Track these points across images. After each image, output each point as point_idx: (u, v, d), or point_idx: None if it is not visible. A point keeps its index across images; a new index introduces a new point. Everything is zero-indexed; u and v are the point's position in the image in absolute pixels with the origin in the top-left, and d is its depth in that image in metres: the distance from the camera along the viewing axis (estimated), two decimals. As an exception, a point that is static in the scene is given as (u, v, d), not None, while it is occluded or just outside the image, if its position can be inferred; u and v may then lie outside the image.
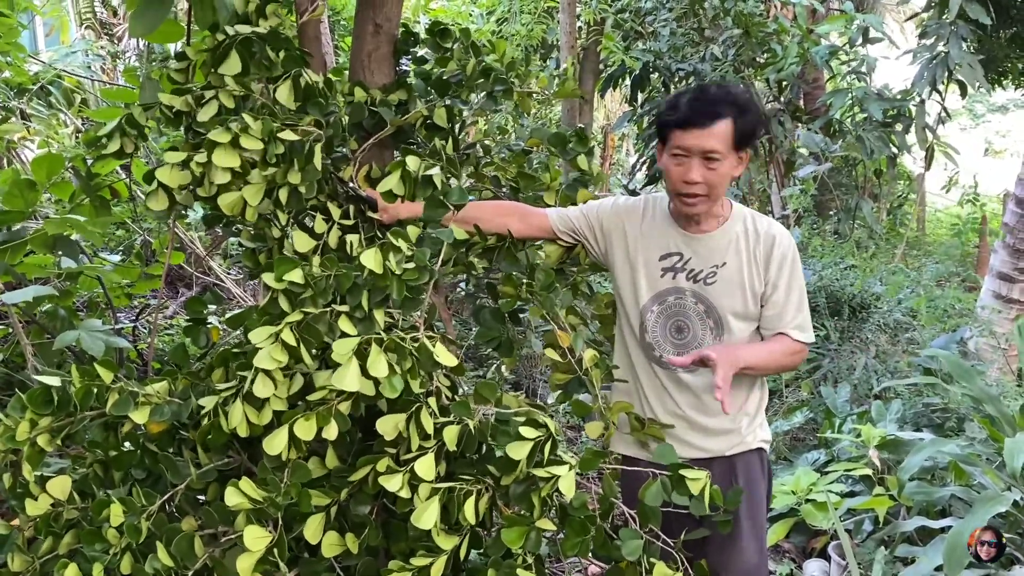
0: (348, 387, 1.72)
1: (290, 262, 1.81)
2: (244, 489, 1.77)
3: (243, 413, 1.78)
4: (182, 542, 1.83)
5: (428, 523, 1.74)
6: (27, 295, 2.71)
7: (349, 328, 1.78)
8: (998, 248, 5.49)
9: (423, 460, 1.78)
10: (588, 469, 1.90)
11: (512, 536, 1.79)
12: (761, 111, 2.20)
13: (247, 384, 1.76)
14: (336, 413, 1.78)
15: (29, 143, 5.22)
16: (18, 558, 1.97)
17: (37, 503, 1.94)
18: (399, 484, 1.76)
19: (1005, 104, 17.75)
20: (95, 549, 1.85)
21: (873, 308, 4.76)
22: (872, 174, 7.49)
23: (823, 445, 4.09)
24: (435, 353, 1.81)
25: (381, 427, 1.81)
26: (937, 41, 6.26)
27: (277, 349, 1.74)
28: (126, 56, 8.46)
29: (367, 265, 1.78)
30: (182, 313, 5.15)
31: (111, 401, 1.88)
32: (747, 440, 2.26)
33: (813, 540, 3.65)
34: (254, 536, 1.76)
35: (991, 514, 2.65)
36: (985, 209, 10.25)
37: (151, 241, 4.24)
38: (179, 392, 1.97)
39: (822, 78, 7.71)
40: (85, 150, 2.94)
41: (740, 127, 2.07)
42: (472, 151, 2.39)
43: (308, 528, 1.84)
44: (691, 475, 1.91)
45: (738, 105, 2.09)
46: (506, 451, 1.79)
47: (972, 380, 3.46)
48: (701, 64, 6.74)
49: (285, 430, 1.77)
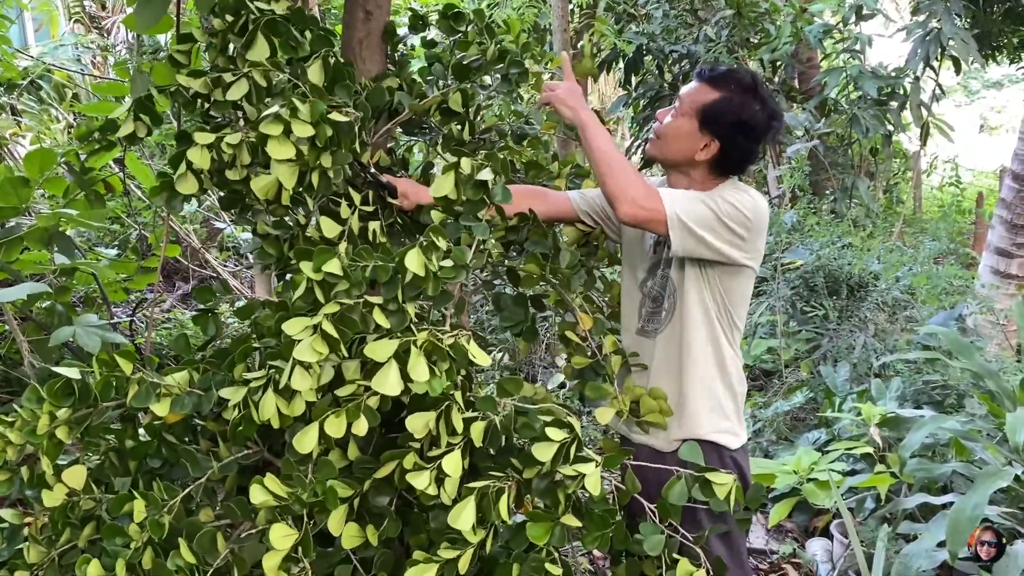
0: (390, 391, 1.70)
1: (327, 252, 1.77)
2: (269, 486, 1.75)
3: (276, 405, 1.75)
4: (204, 538, 1.80)
5: (466, 524, 1.73)
6: (21, 293, 2.69)
7: (382, 320, 1.75)
8: (996, 224, 5.49)
9: (450, 457, 1.76)
10: (612, 466, 1.91)
11: (538, 532, 1.79)
12: (748, 114, 2.08)
13: (284, 376, 1.72)
14: (366, 409, 1.76)
15: (20, 139, 5.19)
16: (34, 550, 1.94)
17: (53, 494, 1.90)
18: (427, 482, 1.75)
19: (1000, 80, 17.69)
20: (116, 543, 1.83)
21: (871, 287, 4.75)
22: (868, 152, 7.48)
23: (823, 424, 4.10)
24: (470, 352, 1.79)
25: (411, 425, 1.79)
26: (930, 17, 6.24)
27: (319, 341, 1.70)
28: (116, 50, 8.42)
29: (411, 268, 1.74)
30: (179, 307, 5.14)
31: (131, 393, 1.85)
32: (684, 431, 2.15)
33: (815, 519, 3.66)
34: (280, 534, 1.73)
35: (993, 489, 2.65)
36: (981, 185, 10.24)
37: (147, 235, 4.22)
38: (199, 383, 1.94)
39: (816, 57, 7.68)
40: (78, 145, 2.93)
41: (716, 103, 2.04)
42: (488, 136, 2.33)
43: (332, 520, 1.81)
44: (718, 478, 1.92)
45: (730, 84, 2.06)
46: (532, 451, 1.79)
47: (972, 356, 3.47)
48: (695, 45, 6.72)
49: (315, 428, 1.74)
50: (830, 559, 3.37)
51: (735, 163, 2.12)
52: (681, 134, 2.07)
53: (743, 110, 2.05)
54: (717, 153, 2.07)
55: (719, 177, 2.12)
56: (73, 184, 2.91)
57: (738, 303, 2.12)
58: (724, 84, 2.07)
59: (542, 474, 1.82)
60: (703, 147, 2.07)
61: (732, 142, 2.06)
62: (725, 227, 1.99)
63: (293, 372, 1.71)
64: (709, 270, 2.07)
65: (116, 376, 1.85)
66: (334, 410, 1.76)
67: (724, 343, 2.12)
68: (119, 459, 2.02)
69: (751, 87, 2.08)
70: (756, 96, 2.07)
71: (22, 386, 3.10)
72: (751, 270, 2.11)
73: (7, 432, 1.84)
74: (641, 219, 1.98)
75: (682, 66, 6.95)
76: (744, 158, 2.12)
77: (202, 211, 5.53)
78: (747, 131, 2.06)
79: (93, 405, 1.85)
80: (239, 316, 2.10)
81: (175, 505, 1.84)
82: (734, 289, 2.10)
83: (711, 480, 1.96)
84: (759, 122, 2.06)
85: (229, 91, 1.93)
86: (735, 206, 2.00)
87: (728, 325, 2.12)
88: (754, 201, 2.04)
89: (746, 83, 2.08)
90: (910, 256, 5.37)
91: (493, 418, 1.81)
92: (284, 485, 1.77)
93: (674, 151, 2.11)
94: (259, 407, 1.76)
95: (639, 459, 2.08)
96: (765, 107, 2.07)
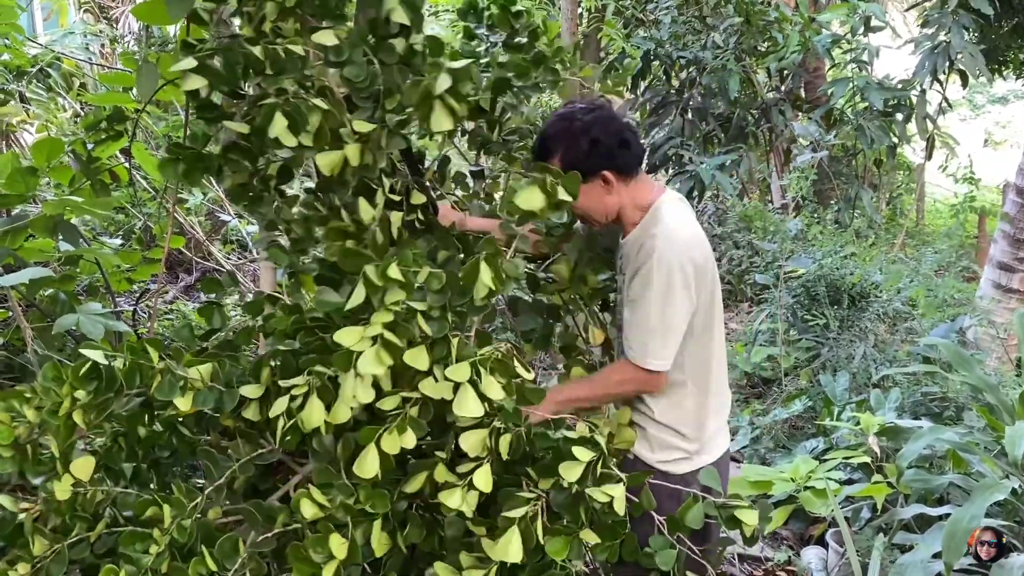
0: (472, 413, 1.70)
1: (389, 259, 1.73)
2: (317, 499, 1.74)
3: (323, 413, 1.73)
4: (226, 544, 1.77)
5: (516, 556, 1.72)
6: (24, 277, 2.70)
7: (426, 328, 1.73)
8: (998, 238, 5.49)
9: (481, 472, 1.75)
10: (636, 484, 1.92)
11: (557, 547, 1.79)
12: (585, 138, 2.06)
13: (347, 388, 1.69)
14: (412, 421, 1.74)
15: (28, 127, 5.20)
16: (39, 541, 1.88)
17: (62, 485, 1.84)
18: (459, 501, 1.74)
19: (1005, 95, 17.71)
20: (136, 549, 1.79)
21: (873, 297, 4.76)
22: (872, 164, 7.48)
23: (821, 433, 4.10)
24: (518, 369, 1.79)
25: (466, 444, 1.77)
26: (939, 30, 6.25)
27: (383, 352, 1.67)
28: (124, 40, 8.43)
29: (485, 283, 1.73)
30: (182, 298, 5.15)
31: (155, 383, 1.80)
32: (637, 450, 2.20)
33: (811, 527, 3.67)
34: (338, 544, 1.72)
35: (990, 502, 2.65)
36: (984, 200, 10.24)
37: (151, 226, 4.23)
38: (224, 377, 1.90)
39: (823, 67, 7.68)
40: (85, 134, 2.94)
41: (565, 160, 2.04)
42: (513, 137, 2.31)
43: (375, 536, 1.80)
44: (743, 514, 1.94)
45: (556, 139, 2.07)
46: (559, 471, 1.78)
47: (971, 369, 3.47)
48: (702, 52, 6.72)
49: (374, 450, 1.72)
50: (824, 567, 3.37)
51: (623, 163, 2.10)
52: (585, 200, 2.05)
53: (577, 140, 2.06)
54: (611, 174, 2.08)
55: (635, 176, 2.13)
56: (79, 173, 2.92)
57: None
58: (549, 148, 2.08)
59: (561, 487, 1.81)
60: (604, 183, 2.09)
61: (605, 158, 2.07)
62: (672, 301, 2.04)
63: (357, 383, 1.69)
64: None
65: (143, 364, 1.81)
66: (385, 427, 1.73)
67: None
68: (127, 445, 1.99)
69: (562, 126, 2.08)
70: (571, 123, 2.07)
71: (25, 373, 3.10)
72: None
73: (24, 409, 1.79)
74: (652, 382, 2.09)
75: (689, 72, 6.95)
76: (625, 150, 2.10)
77: (207, 203, 5.54)
78: (597, 142, 2.06)
79: (117, 392, 1.79)
80: (248, 311, 2.09)
81: (196, 506, 1.81)
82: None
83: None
84: (595, 127, 2.06)
85: (316, 35, 1.82)
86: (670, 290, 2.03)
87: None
88: (678, 265, 2.03)
89: (557, 128, 2.09)
90: (912, 268, 5.38)
91: (519, 430, 1.80)
92: (325, 495, 1.76)
93: (601, 210, 2.13)
94: (305, 417, 1.74)
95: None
96: (584, 118, 2.08)
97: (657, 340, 2.04)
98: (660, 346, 2.04)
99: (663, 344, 2.04)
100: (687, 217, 2.15)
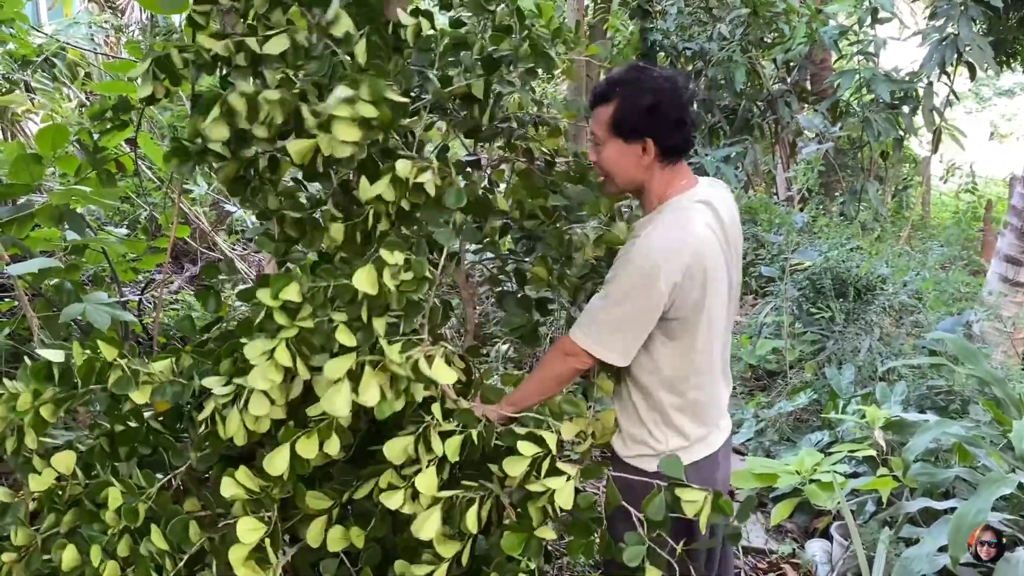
0: (339, 413, 1.70)
1: (285, 278, 1.73)
2: (241, 480, 1.76)
3: (240, 422, 1.75)
4: (177, 525, 1.81)
5: (428, 534, 1.74)
6: (32, 267, 2.70)
7: (347, 339, 1.72)
8: (1005, 231, 5.47)
9: (424, 476, 1.76)
10: (590, 478, 1.91)
11: (511, 543, 1.80)
12: (649, 97, 1.98)
13: (241, 400, 1.72)
14: (338, 428, 1.75)
15: (32, 116, 5.19)
16: (22, 532, 1.95)
17: (41, 478, 1.91)
18: (401, 501, 1.76)
19: (1012, 88, 17.61)
20: (93, 529, 1.85)
21: (879, 290, 4.74)
22: (878, 156, 7.46)
23: (826, 426, 4.09)
24: (432, 373, 1.77)
25: (389, 452, 1.79)
26: (947, 22, 6.21)
27: (271, 368, 1.70)
28: (129, 30, 8.41)
29: (360, 288, 1.71)
30: (187, 287, 5.15)
31: (112, 379, 1.86)
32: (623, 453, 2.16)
33: (816, 520, 3.66)
34: (247, 528, 1.74)
35: (996, 495, 2.65)
36: (990, 193, 10.22)
37: (157, 216, 4.23)
38: (185, 371, 1.93)
39: (830, 59, 7.66)
40: (90, 123, 2.93)
41: (618, 110, 2.00)
42: (507, 124, 2.26)
43: (311, 532, 1.82)
44: (687, 494, 1.88)
45: (623, 85, 2.02)
46: (503, 465, 1.79)
47: (978, 362, 3.46)
48: (708, 43, 6.70)
49: (286, 450, 1.74)
50: (829, 560, 3.37)
51: (669, 142, 2.04)
52: (617, 157, 2.03)
53: (641, 97, 1.99)
54: (655, 146, 2.02)
55: (672, 165, 2.07)
56: (85, 162, 2.91)
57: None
58: (611, 92, 2.03)
59: (515, 486, 1.82)
60: (642, 152, 2.02)
61: (657, 127, 2.01)
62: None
63: (251, 397, 1.71)
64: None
65: (99, 361, 1.86)
66: (305, 431, 1.74)
67: (639, 367, 2.09)
68: (110, 444, 2.01)
69: (632, 76, 2.04)
70: (642, 77, 2.02)
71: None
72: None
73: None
74: (576, 355, 2.02)
75: (695, 64, 6.93)
76: (678, 131, 2.04)
77: (212, 193, 5.53)
78: (658, 108, 2.00)
79: (76, 387, 1.86)
80: (241, 299, 2.09)
81: (152, 493, 1.85)
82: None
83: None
84: (662, 94, 2.00)
85: (267, 44, 1.82)
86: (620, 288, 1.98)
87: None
88: (643, 262, 1.97)
89: (626, 76, 2.04)
90: (918, 261, 5.36)
91: (471, 432, 1.81)
92: (258, 479, 1.77)
93: (624, 176, 2.07)
94: (225, 423, 1.76)
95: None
96: (655, 79, 2.03)
97: (598, 326, 1.99)
98: (598, 331, 1.99)
99: (605, 331, 1.99)
100: (696, 221, 2.03)
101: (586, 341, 2.00)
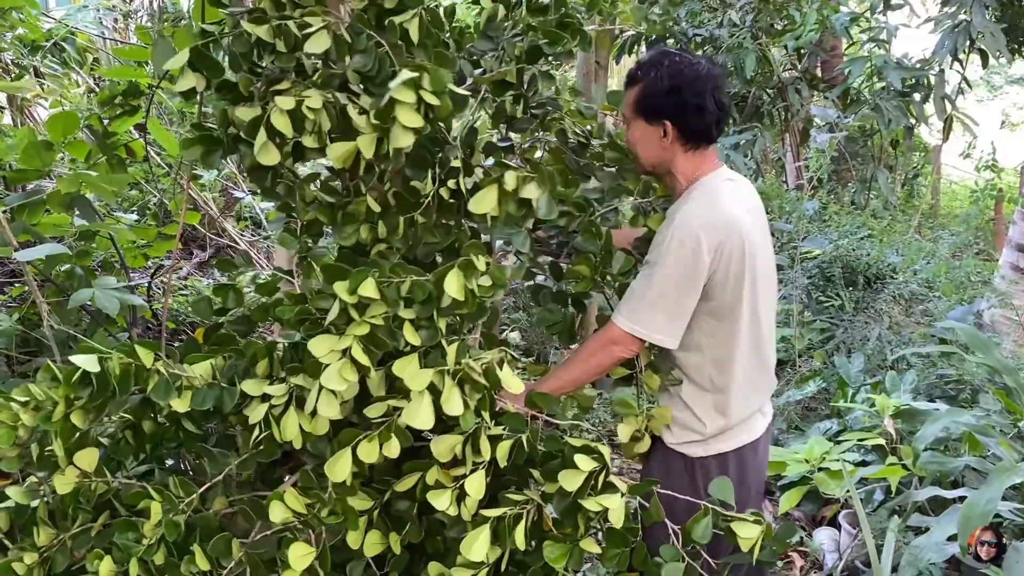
0: (423, 425, 1.65)
1: (362, 272, 1.66)
2: (290, 504, 1.70)
3: (298, 425, 1.69)
4: (219, 543, 1.74)
5: (479, 555, 1.67)
6: (40, 253, 2.70)
7: (413, 337, 1.68)
8: (1017, 220, 5.44)
9: (474, 478, 1.71)
10: (638, 493, 1.87)
11: (555, 555, 1.76)
12: (670, 81, 2.04)
13: (311, 401, 1.65)
14: (397, 430, 1.69)
15: (41, 102, 5.19)
16: (44, 532, 1.88)
17: (65, 478, 1.81)
18: (448, 502, 1.70)
19: (1023, 76, 17.48)
20: (128, 538, 1.77)
21: (889, 279, 4.73)
22: (889, 144, 7.41)
23: (836, 415, 4.09)
24: (503, 380, 1.73)
25: (436, 449, 1.73)
26: (959, 9, 6.15)
27: (348, 368, 1.63)
28: (138, 14, 8.39)
29: (450, 292, 1.66)
30: (196, 274, 5.16)
31: (151, 385, 1.75)
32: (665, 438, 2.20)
33: (823, 508, 3.66)
34: (298, 554, 1.68)
35: (1006, 485, 2.64)
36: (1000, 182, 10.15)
37: (165, 202, 4.23)
38: (224, 371, 1.85)
39: (840, 46, 7.59)
40: (99, 109, 2.93)
41: (641, 92, 2.08)
42: (542, 111, 2.22)
43: (350, 536, 1.76)
44: (743, 530, 1.82)
45: (648, 67, 2.09)
46: (559, 479, 1.73)
47: (989, 351, 3.45)
48: (718, 30, 6.65)
49: (348, 454, 1.68)
50: (837, 548, 3.37)
51: (688, 126, 2.07)
52: (640, 137, 2.12)
53: (663, 80, 2.06)
54: (674, 128, 2.07)
55: (696, 150, 2.10)
56: (95, 148, 2.91)
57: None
58: (638, 75, 2.10)
59: (563, 494, 1.75)
60: (663, 134, 2.08)
61: (676, 111, 2.06)
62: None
63: (320, 397, 1.64)
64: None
65: (136, 366, 1.75)
66: (366, 434, 1.69)
67: (684, 350, 2.11)
68: (135, 437, 1.97)
69: (658, 59, 2.11)
70: (666, 61, 2.08)
71: (40, 347, 3.11)
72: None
73: (21, 413, 1.75)
74: (621, 342, 2.04)
75: (705, 50, 6.88)
76: (698, 116, 2.06)
77: (221, 180, 5.53)
78: (678, 91, 2.04)
79: (112, 395, 1.76)
80: (260, 292, 2.07)
81: (191, 502, 1.78)
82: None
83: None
84: (682, 78, 2.05)
85: (308, 43, 1.73)
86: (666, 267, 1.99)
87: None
88: (688, 242, 1.99)
89: (653, 60, 2.11)
90: (929, 249, 5.34)
91: (520, 437, 1.76)
92: (303, 498, 1.72)
93: (646, 155, 2.14)
94: (281, 427, 1.70)
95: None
96: (678, 64, 2.07)
97: (644, 306, 2.00)
98: (644, 311, 2.00)
99: (649, 311, 2.00)
100: (727, 197, 2.07)
101: (631, 326, 2.02)
